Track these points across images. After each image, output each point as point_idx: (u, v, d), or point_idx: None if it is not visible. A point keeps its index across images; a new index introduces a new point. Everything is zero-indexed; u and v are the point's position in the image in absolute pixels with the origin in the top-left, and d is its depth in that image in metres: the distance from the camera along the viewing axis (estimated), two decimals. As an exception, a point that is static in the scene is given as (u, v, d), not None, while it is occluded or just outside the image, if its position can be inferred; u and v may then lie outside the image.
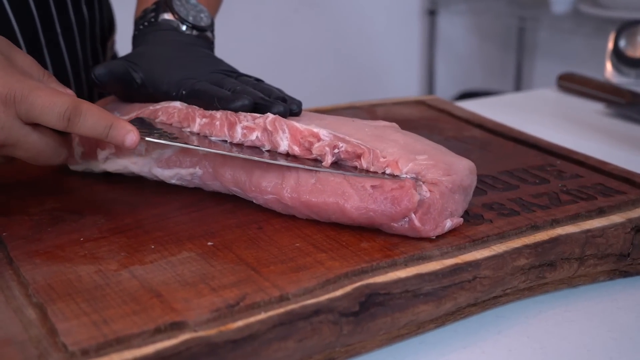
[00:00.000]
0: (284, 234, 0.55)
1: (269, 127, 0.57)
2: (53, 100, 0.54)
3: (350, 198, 0.54)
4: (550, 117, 1.04)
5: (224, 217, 0.58)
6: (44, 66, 0.80)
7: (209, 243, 0.54)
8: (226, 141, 0.59)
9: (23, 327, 0.43)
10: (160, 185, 0.64)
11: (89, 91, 0.88)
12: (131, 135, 0.55)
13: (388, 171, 0.55)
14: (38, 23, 0.79)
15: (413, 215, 0.53)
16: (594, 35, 2.16)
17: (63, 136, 0.59)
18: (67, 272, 0.50)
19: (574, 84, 1.14)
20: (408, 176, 0.54)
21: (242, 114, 0.59)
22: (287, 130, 0.57)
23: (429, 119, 0.88)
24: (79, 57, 0.85)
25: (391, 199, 0.53)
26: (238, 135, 0.58)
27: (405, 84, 2.80)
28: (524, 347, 0.51)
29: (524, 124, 0.88)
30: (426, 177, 0.54)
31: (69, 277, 0.49)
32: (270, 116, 0.57)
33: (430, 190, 0.54)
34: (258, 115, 0.59)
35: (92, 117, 0.55)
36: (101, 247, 0.53)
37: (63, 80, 0.83)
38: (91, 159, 0.65)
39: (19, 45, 0.77)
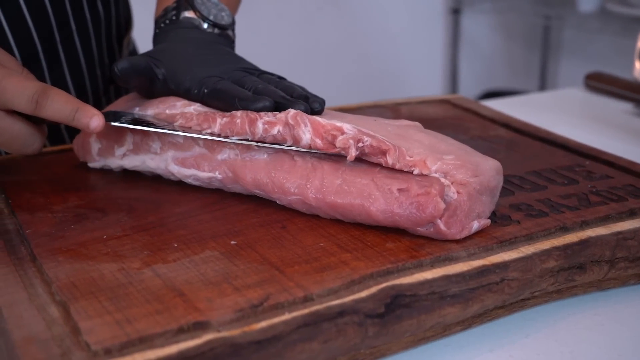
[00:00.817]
0: (308, 233, 0.55)
1: (290, 122, 0.56)
2: (24, 85, 0.57)
3: (376, 201, 0.53)
4: (577, 117, 1.02)
5: (247, 215, 0.58)
6: (59, 63, 0.81)
7: (232, 242, 0.53)
8: (247, 139, 0.58)
9: (46, 325, 0.43)
10: (182, 184, 0.64)
11: (105, 88, 0.89)
12: (96, 119, 0.57)
13: (416, 171, 0.54)
14: (53, 20, 0.79)
15: (438, 220, 0.52)
16: (621, 34, 2.13)
17: (37, 126, 0.61)
18: (90, 270, 0.49)
19: (601, 84, 1.12)
20: (437, 174, 0.53)
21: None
22: (309, 124, 0.56)
23: (454, 118, 0.87)
24: (94, 54, 0.85)
25: (416, 205, 0.51)
26: (259, 130, 0.57)
27: (428, 83, 2.79)
28: (553, 352, 0.50)
29: (551, 124, 0.86)
30: (455, 178, 0.53)
31: (92, 275, 0.49)
32: (291, 111, 0.57)
33: (458, 192, 0.53)
34: None
35: (59, 101, 0.57)
36: (124, 245, 0.53)
37: (78, 77, 0.83)
38: (109, 155, 0.65)
39: (33, 42, 0.78)
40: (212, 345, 0.40)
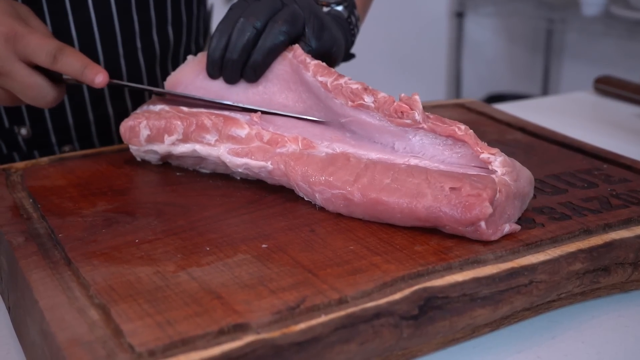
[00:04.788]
0: (337, 236, 0.56)
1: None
2: (45, 42, 0.65)
3: (423, 197, 0.54)
4: (589, 121, 1.03)
5: (275, 219, 0.59)
6: (120, 73, 0.88)
7: (263, 245, 0.54)
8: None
9: (88, 328, 0.44)
10: (208, 188, 0.65)
11: None
12: (100, 76, 0.65)
13: (483, 156, 0.56)
14: (119, 37, 0.85)
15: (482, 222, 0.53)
16: (626, 37, 2.15)
17: (54, 82, 0.67)
18: (126, 273, 0.50)
19: (611, 87, 1.13)
20: (499, 170, 0.55)
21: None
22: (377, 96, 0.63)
23: (470, 122, 0.87)
24: (157, 72, 0.90)
25: (464, 206, 0.52)
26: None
27: (431, 86, 2.80)
28: (580, 353, 0.51)
29: (563, 128, 0.87)
30: (501, 177, 0.55)
31: (129, 278, 0.49)
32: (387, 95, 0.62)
33: (499, 191, 0.54)
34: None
35: (73, 58, 0.65)
36: (157, 248, 0.54)
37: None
38: (157, 141, 0.67)
39: (97, 53, 0.85)
40: (254, 346, 0.41)
